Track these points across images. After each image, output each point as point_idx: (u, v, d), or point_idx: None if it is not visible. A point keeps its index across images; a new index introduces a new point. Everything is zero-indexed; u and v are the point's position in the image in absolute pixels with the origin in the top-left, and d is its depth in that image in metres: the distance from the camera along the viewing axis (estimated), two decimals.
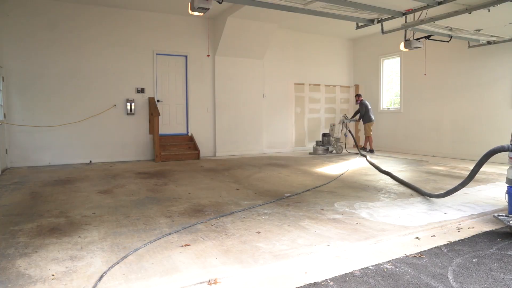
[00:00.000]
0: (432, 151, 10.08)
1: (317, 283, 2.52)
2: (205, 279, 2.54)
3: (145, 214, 4.20)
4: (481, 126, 8.91)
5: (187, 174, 7.13)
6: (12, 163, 8.06)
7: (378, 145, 11.79)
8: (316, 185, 5.90)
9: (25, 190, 5.58)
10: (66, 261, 2.81)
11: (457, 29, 7.37)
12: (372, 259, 2.94)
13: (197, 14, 5.68)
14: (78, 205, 4.62)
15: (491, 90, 8.72)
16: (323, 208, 4.44)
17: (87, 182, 6.26)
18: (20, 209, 4.41)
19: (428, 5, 5.89)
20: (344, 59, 12.64)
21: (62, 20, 8.52)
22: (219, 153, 10.32)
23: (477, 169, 4.05)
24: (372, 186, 5.89)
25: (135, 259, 2.86)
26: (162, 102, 9.72)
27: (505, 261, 2.94)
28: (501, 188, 5.24)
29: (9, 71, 8.06)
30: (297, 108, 11.75)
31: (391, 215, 4.14)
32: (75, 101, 8.71)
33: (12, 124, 8.07)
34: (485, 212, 4.30)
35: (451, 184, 5.92)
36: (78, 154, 8.74)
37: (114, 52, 9.08)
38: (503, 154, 3.95)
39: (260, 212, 4.27)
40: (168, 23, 9.64)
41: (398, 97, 11.29)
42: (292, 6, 6.14)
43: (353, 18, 6.84)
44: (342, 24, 8.86)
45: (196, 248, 3.10)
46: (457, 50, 9.24)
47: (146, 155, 9.48)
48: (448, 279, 2.60)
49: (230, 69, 10.42)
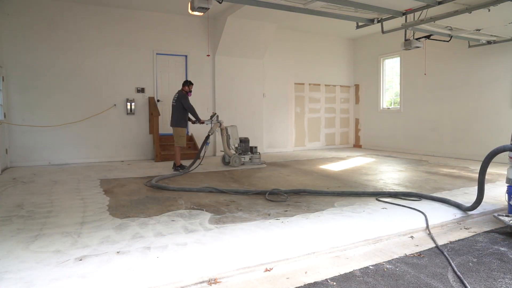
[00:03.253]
0: (432, 151, 10.08)
1: (317, 283, 2.52)
2: (205, 279, 2.54)
3: (146, 213, 4.21)
4: (481, 126, 8.91)
5: (187, 174, 7.13)
6: (12, 163, 8.06)
7: (378, 145, 11.80)
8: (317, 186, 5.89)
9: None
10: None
11: (457, 28, 7.37)
12: (372, 258, 2.95)
13: (197, 13, 5.68)
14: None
15: (491, 90, 8.72)
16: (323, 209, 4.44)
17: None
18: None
19: (428, 5, 5.89)
20: (344, 59, 12.64)
21: (62, 20, 8.52)
22: (219, 152, 10.31)
23: (482, 178, 3.92)
24: (372, 186, 5.90)
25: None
26: (162, 102, 9.71)
27: (505, 261, 2.94)
28: (501, 188, 5.24)
29: (9, 71, 8.06)
30: (297, 108, 11.75)
31: (391, 217, 4.14)
32: (75, 100, 8.71)
33: (12, 124, 8.07)
34: (485, 212, 4.30)
35: (451, 184, 5.93)
36: (78, 154, 8.74)
37: (114, 52, 9.07)
38: (503, 154, 3.95)
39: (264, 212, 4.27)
40: (168, 23, 9.63)
41: (398, 97, 11.29)
42: (292, 6, 6.13)
43: (353, 18, 6.84)
44: (342, 24, 8.86)
45: (195, 247, 3.11)
46: (457, 49, 9.24)
47: (146, 155, 9.48)
48: (448, 279, 2.60)
49: (230, 69, 10.42)
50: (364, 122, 12.50)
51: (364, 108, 12.47)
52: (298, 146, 11.80)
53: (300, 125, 11.85)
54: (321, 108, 12.23)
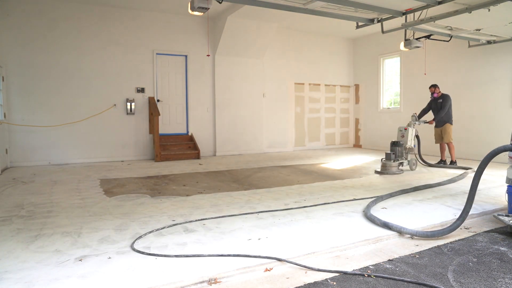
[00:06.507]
0: (432, 150, 10.06)
1: (317, 283, 2.52)
2: (205, 278, 2.54)
3: (146, 213, 4.20)
4: (481, 126, 8.90)
5: (187, 173, 7.13)
6: (12, 163, 8.06)
7: (378, 145, 11.79)
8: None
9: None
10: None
11: (457, 28, 7.37)
12: (373, 258, 2.95)
13: (197, 13, 5.68)
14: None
15: (491, 90, 8.72)
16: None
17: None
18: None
19: (428, 5, 5.89)
20: (344, 58, 12.64)
21: (62, 20, 8.52)
22: (219, 152, 10.31)
23: (476, 182, 3.45)
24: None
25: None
26: (162, 102, 9.71)
27: (505, 261, 2.94)
28: (501, 188, 5.24)
29: (9, 71, 8.06)
30: (297, 108, 11.75)
31: (394, 214, 4.14)
32: (75, 100, 8.71)
33: (12, 124, 8.07)
34: (485, 212, 4.30)
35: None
36: (78, 154, 8.74)
37: (114, 51, 9.07)
38: (503, 154, 3.94)
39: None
40: (168, 23, 9.63)
41: (398, 97, 11.29)
42: (292, 6, 6.13)
43: (353, 18, 6.84)
44: (342, 24, 8.87)
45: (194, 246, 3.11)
46: (457, 49, 9.24)
47: (146, 155, 9.48)
48: (448, 279, 2.60)
49: (230, 68, 10.42)
50: (364, 122, 12.50)
51: (364, 108, 12.47)
52: (298, 146, 11.80)
53: (300, 125, 11.84)
54: (321, 108, 12.23)
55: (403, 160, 7.34)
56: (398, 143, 7.39)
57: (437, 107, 8.06)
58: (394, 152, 7.26)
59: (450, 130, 7.92)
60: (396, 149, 7.30)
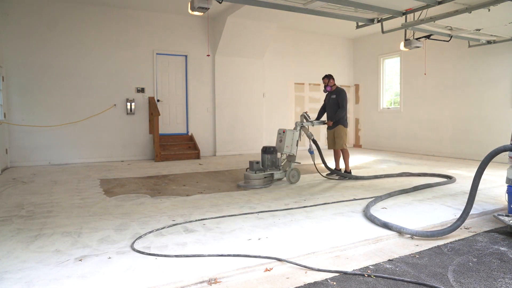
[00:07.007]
0: (432, 150, 10.08)
1: (317, 283, 2.52)
2: (205, 278, 2.54)
3: (146, 213, 4.20)
4: (481, 126, 8.90)
5: (187, 173, 7.13)
6: (12, 163, 8.06)
7: (378, 145, 11.79)
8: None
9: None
10: None
11: (457, 28, 7.36)
12: (373, 258, 2.95)
13: (197, 13, 5.68)
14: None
15: (491, 90, 8.71)
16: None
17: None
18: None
19: (428, 5, 5.89)
20: (344, 58, 12.63)
21: (62, 20, 8.51)
22: (219, 152, 10.31)
23: (477, 183, 3.42)
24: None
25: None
26: (162, 102, 9.71)
27: (505, 261, 2.94)
28: (501, 188, 5.24)
29: (9, 70, 8.06)
30: (297, 108, 11.74)
31: (394, 214, 4.14)
32: (75, 100, 8.71)
33: (12, 124, 8.06)
34: (485, 212, 4.30)
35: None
36: (78, 154, 8.74)
37: (114, 51, 9.07)
38: (503, 154, 3.94)
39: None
40: (168, 23, 9.63)
41: (398, 97, 11.29)
42: (292, 6, 6.13)
43: (353, 18, 6.84)
44: (342, 24, 8.86)
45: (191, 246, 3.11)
46: (457, 49, 9.23)
47: (146, 155, 9.48)
48: (448, 279, 2.60)
49: (230, 68, 10.42)
50: (364, 122, 12.49)
51: (364, 108, 12.47)
52: (298, 146, 11.75)
53: None
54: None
55: (274, 171, 5.92)
56: (269, 149, 5.96)
57: (330, 104, 6.65)
58: (263, 161, 5.88)
59: (343, 134, 6.51)
60: (265, 157, 5.88)
